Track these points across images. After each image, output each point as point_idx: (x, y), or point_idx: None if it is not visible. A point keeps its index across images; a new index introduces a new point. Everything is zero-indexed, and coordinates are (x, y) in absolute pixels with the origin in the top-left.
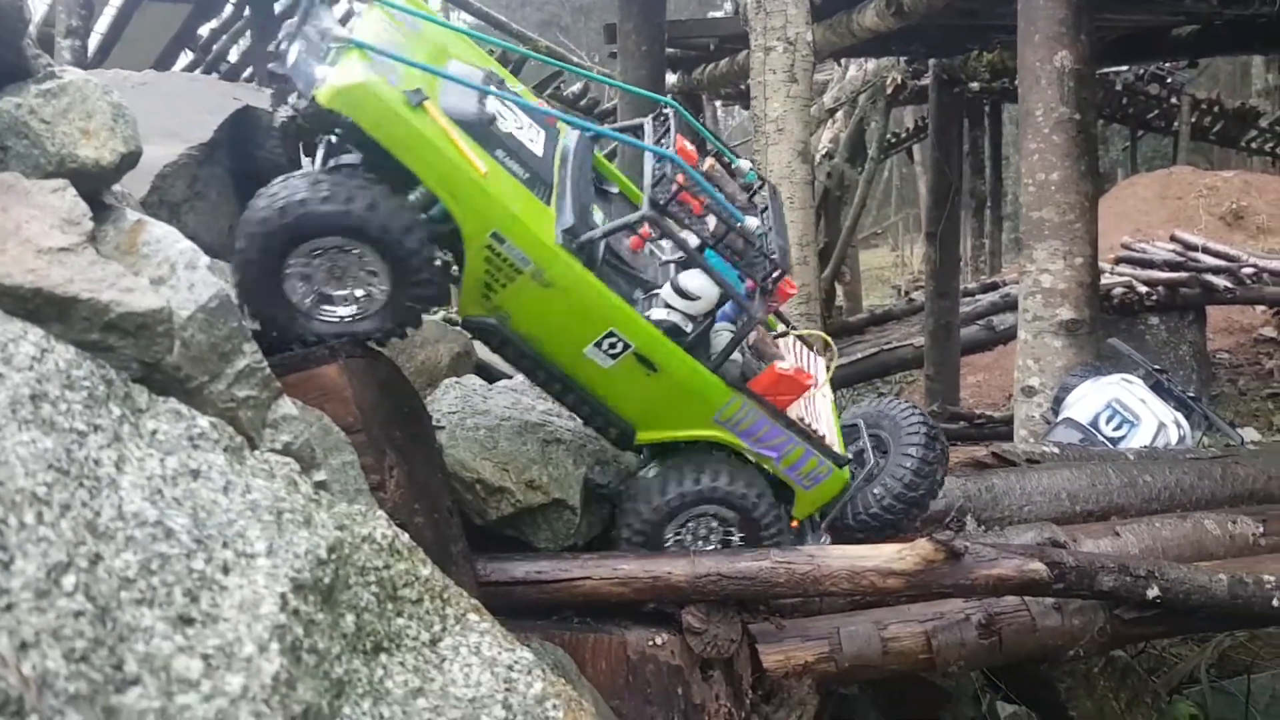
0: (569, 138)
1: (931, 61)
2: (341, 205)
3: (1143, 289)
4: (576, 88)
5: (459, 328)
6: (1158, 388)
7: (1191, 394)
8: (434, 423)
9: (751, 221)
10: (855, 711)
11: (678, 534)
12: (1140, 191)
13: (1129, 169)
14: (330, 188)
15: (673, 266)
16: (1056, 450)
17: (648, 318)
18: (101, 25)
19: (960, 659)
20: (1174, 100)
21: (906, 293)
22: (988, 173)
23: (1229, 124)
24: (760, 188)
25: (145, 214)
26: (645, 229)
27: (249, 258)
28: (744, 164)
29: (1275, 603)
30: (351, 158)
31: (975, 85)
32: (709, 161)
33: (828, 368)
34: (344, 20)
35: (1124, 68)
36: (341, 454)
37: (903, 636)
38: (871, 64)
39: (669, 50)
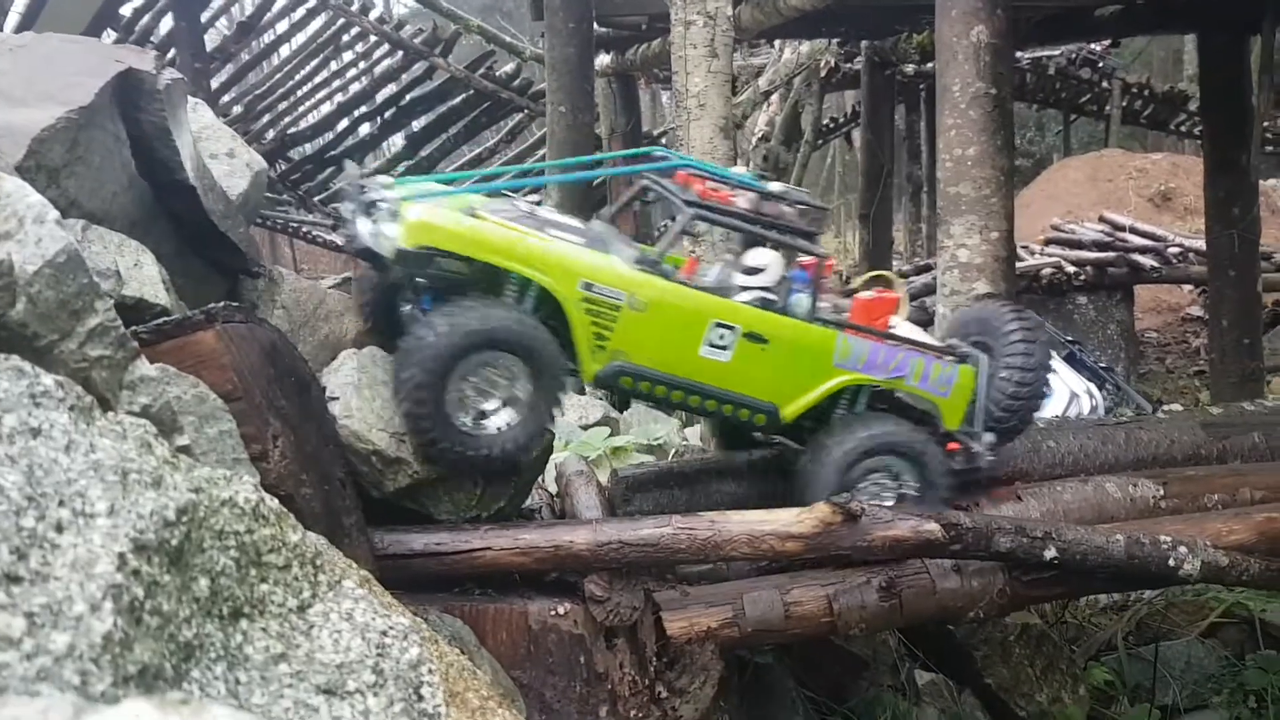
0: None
1: (863, 44)
2: (494, 323)
3: (1071, 269)
4: (509, 68)
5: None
6: (1070, 359)
7: (1104, 365)
8: (327, 393)
9: (775, 185)
10: (771, 681)
11: (859, 482)
12: (1072, 174)
13: (1064, 152)
14: (482, 311)
15: (728, 267)
16: None
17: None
18: (19, 4)
19: (861, 622)
20: (1105, 84)
21: (846, 278)
22: (924, 157)
23: (1159, 108)
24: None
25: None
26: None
27: (421, 381)
28: (738, 170)
29: (1171, 562)
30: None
31: (908, 68)
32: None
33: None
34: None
35: (1057, 51)
36: (218, 423)
37: (805, 601)
38: (805, 46)
39: (601, 30)
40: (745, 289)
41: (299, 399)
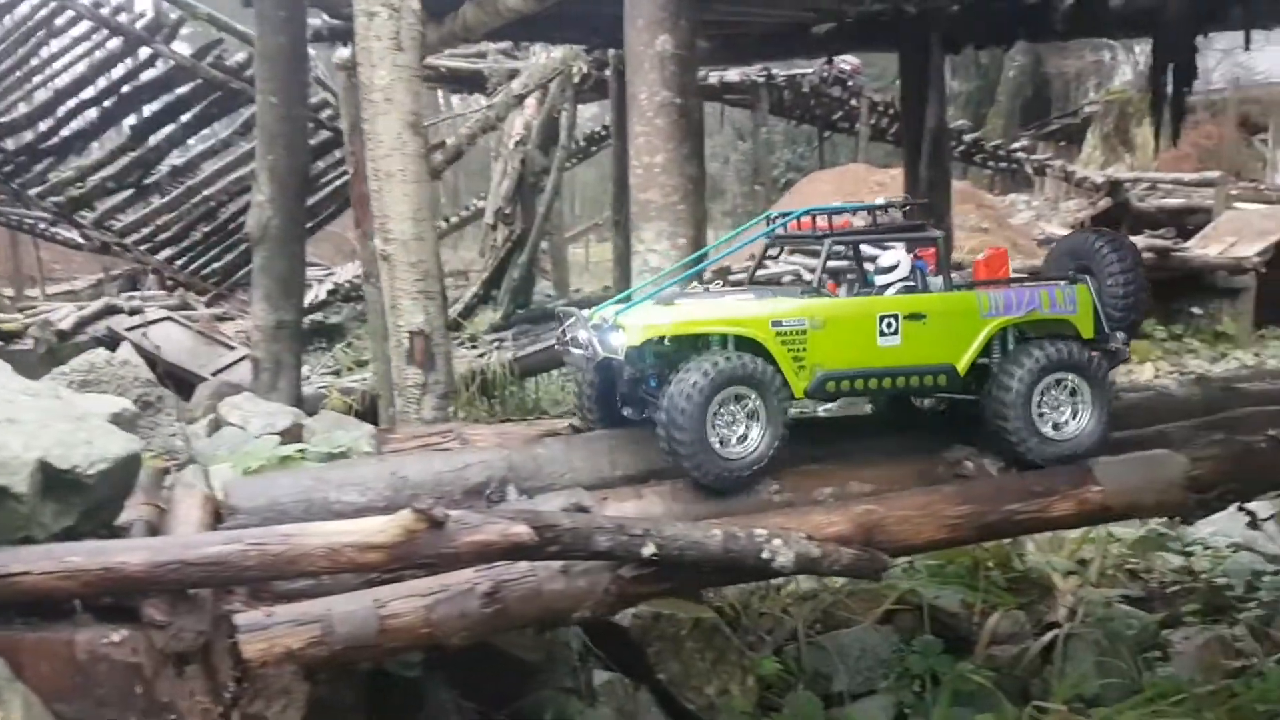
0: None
1: (611, 53)
2: (740, 368)
3: (808, 276)
4: (241, 57)
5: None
6: None
7: None
8: None
9: (880, 200)
10: (424, 694)
11: (1039, 410)
12: (821, 186)
13: (820, 166)
14: (722, 361)
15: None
16: None
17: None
18: None
19: (462, 629)
20: (854, 102)
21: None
22: None
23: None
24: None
25: None
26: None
27: (688, 417)
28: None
29: (765, 554)
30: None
31: None
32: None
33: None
34: None
35: (810, 70)
36: None
37: (403, 612)
38: (558, 52)
39: (335, 22)
40: (888, 285)
41: None
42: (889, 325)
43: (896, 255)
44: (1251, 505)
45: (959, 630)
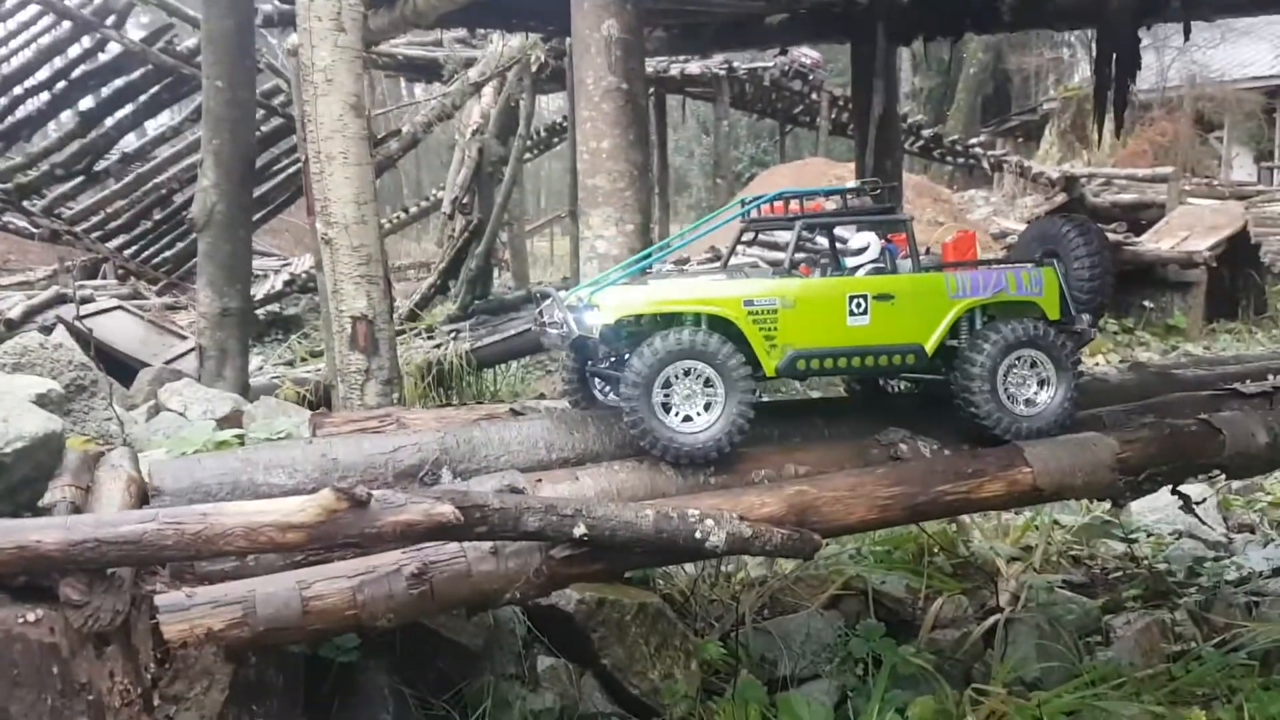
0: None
1: (568, 41)
2: (693, 342)
3: (779, 257)
4: (191, 43)
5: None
6: None
7: None
8: None
9: (851, 183)
10: (361, 680)
11: (1005, 388)
12: (780, 180)
13: (781, 159)
14: (674, 334)
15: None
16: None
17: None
18: None
19: (389, 611)
20: (815, 96)
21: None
22: (655, 157)
23: None
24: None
25: None
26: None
27: (637, 389)
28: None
29: (698, 535)
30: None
31: None
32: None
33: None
34: None
35: (771, 64)
36: None
37: (327, 594)
38: (516, 40)
39: (285, 6)
40: (859, 267)
41: None
42: (858, 305)
43: (866, 238)
44: (1187, 489)
45: (903, 615)
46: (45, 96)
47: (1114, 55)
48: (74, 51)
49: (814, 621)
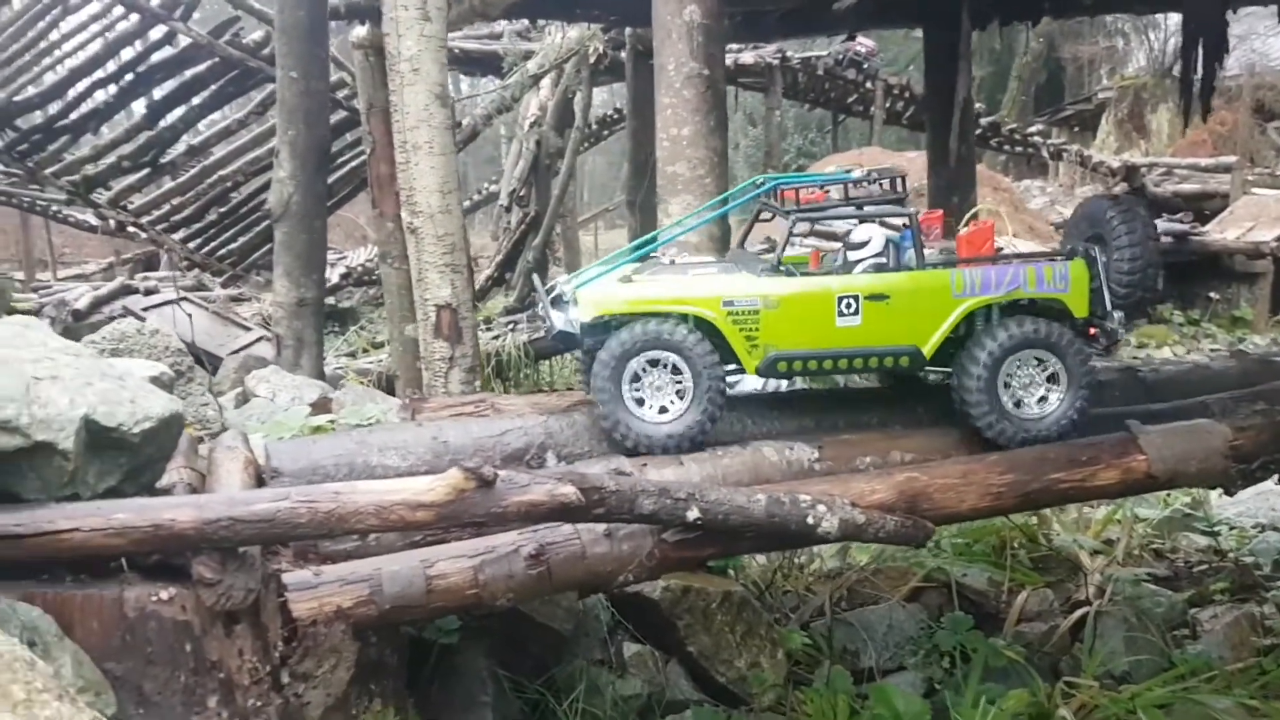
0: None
1: (628, 32)
2: (671, 333)
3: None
4: (258, 36)
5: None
6: None
7: None
8: None
9: (857, 171)
10: (461, 662)
11: (1006, 381)
12: (833, 171)
13: (834, 150)
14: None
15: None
16: None
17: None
18: None
19: (509, 591)
20: (870, 85)
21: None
22: None
23: (919, 109)
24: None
25: None
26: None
27: (605, 379)
28: (831, 168)
29: (810, 520)
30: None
31: None
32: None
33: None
34: None
35: (825, 53)
36: None
37: (450, 573)
38: (574, 32)
39: (354, 0)
40: (860, 261)
41: None
42: (848, 306)
43: (868, 231)
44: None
45: (986, 608)
46: (113, 89)
47: (1201, 40)
48: (142, 44)
49: (896, 613)
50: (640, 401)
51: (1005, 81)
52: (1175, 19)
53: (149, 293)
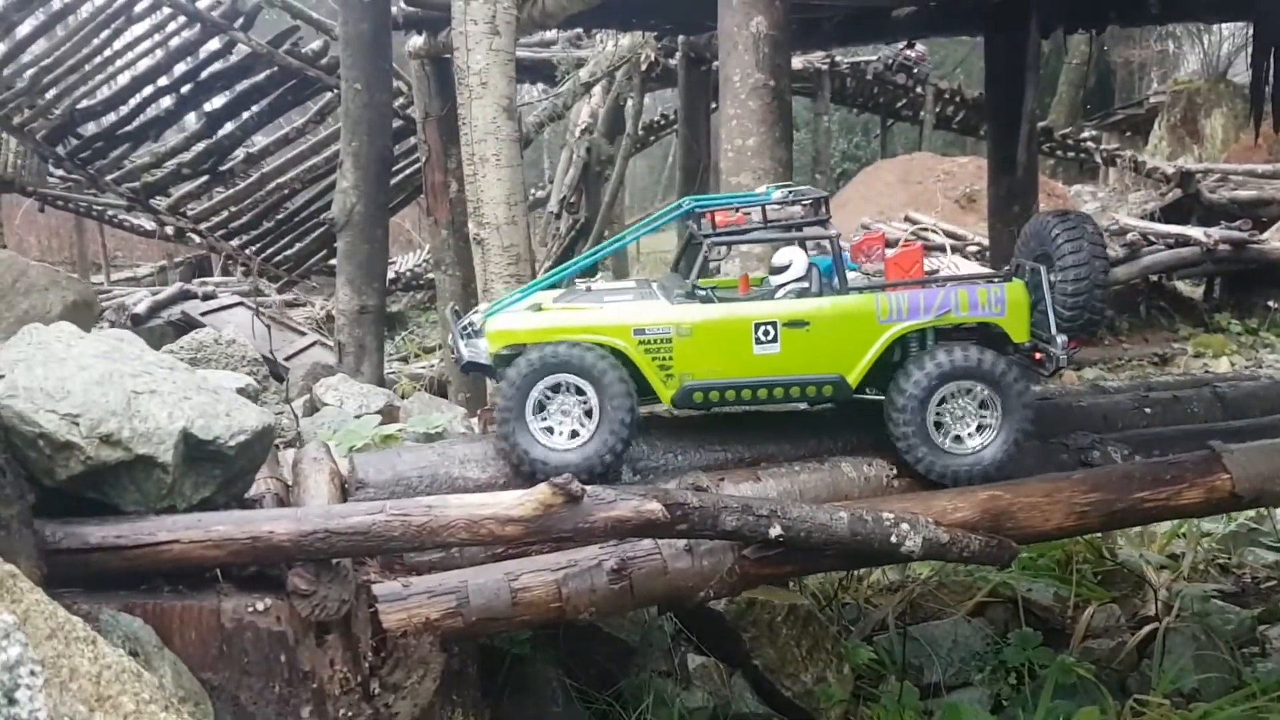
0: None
1: (680, 40)
2: (577, 358)
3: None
4: (316, 45)
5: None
6: None
7: None
8: None
9: (776, 193)
10: (532, 672)
11: (938, 415)
12: (885, 176)
13: (883, 155)
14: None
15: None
16: None
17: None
18: None
19: (592, 605)
20: (920, 90)
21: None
22: None
23: (969, 113)
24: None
25: None
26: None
27: (509, 401)
28: (763, 189)
29: (894, 539)
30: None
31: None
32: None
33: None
34: None
35: (874, 58)
36: None
37: (534, 586)
38: (626, 39)
39: (411, 9)
40: (781, 286)
41: None
42: (765, 333)
43: (789, 254)
44: None
45: (1052, 623)
46: (173, 98)
47: (1273, 48)
48: (202, 53)
49: (961, 628)
50: (550, 430)
51: (1054, 85)
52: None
53: (206, 298)
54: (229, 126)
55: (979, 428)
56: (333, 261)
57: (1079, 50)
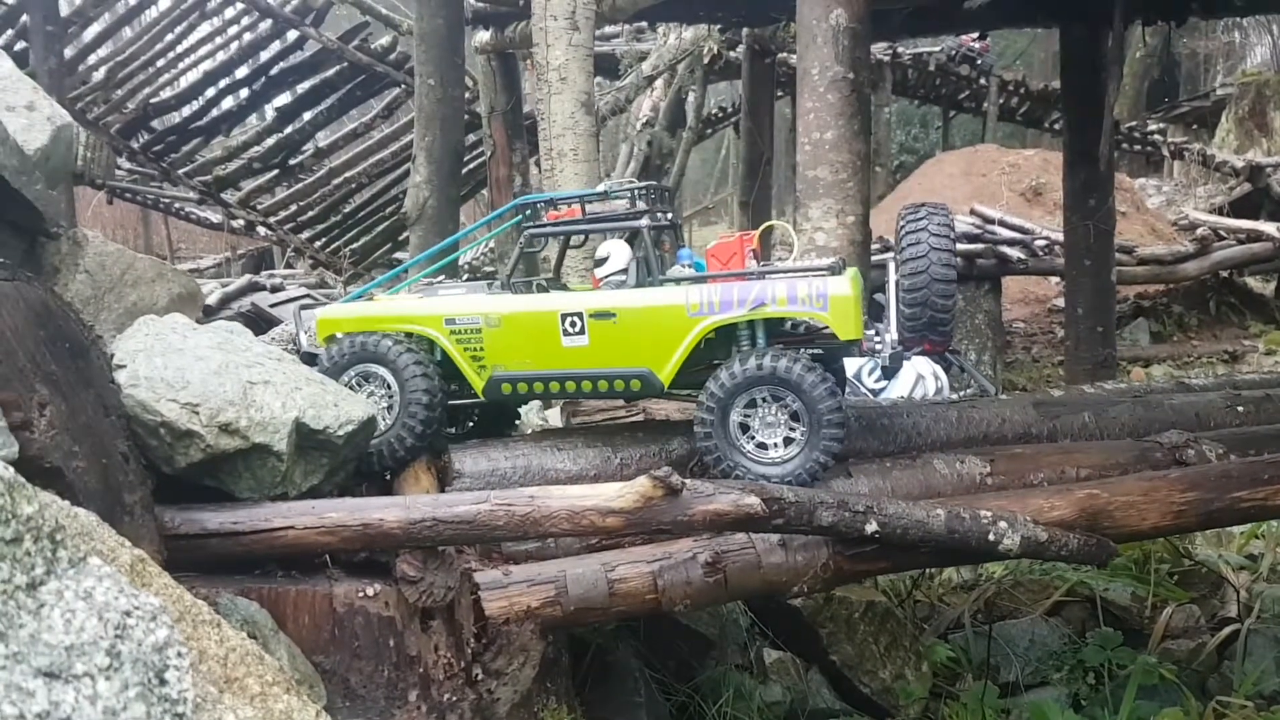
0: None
1: (744, 32)
2: (374, 345)
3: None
4: (385, 41)
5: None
6: None
7: (952, 348)
8: (114, 360)
9: (601, 186)
10: (614, 662)
11: (744, 415)
12: (948, 168)
13: (944, 147)
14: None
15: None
16: None
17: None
18: None
19: (686, 598)
20: (983, 81)
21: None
22: None
23: (1033, 105)
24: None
25: None
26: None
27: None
28: (605, 184)
29: (991, 537)
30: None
31: (790, 57)
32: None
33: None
34: None
35: (937, 48)
36: None
37: (630, 578)
38: (689, 32)
39: (479, 5)
40: (602, 278)
41: (74, 365)
42: (573, 324)
43: (609, 247)
44: None
45: (1130, 623)
46: (245, 92)
47: None
48: (273, 48)
49: (1038, 627)
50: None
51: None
52: None
53: (275, 289)
54: (300, 121)
55: (785, 440)
56: (398, 255)
57: (1142, 42)
